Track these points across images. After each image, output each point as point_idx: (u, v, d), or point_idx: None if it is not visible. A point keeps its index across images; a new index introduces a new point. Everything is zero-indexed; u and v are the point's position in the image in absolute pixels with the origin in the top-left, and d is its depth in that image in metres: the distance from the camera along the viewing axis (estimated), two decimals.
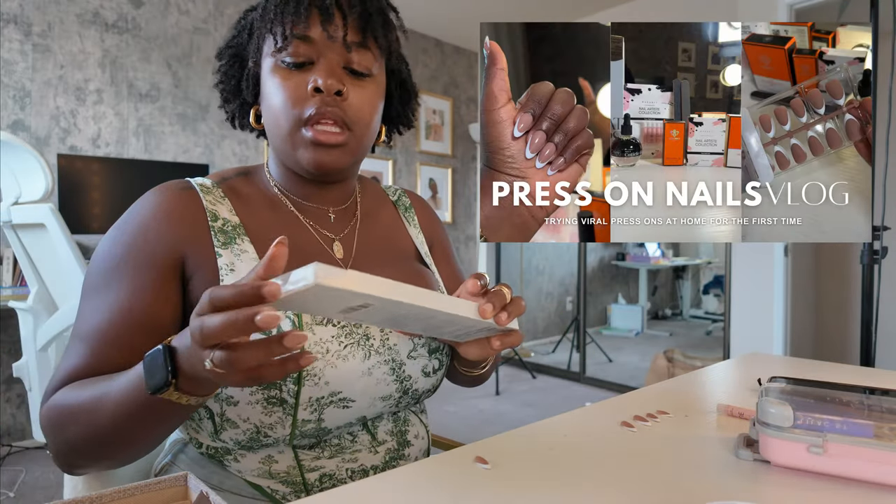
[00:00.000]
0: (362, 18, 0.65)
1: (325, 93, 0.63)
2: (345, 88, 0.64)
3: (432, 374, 0.71)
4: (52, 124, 2.74)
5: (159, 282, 0.61)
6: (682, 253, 5.96)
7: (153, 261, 0.61)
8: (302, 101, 0.64)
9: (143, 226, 0.63)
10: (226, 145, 3.31)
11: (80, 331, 0.60)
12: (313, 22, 0.64)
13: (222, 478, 0.65)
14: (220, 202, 0.67)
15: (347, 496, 0.49)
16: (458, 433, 2.72)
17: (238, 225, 0.66)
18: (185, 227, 0.63)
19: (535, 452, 0.58)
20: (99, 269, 0.63)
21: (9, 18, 2.62)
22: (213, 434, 0.63)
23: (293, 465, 0.64)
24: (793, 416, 0.52)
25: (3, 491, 2.08)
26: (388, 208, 0.84)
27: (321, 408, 0.61)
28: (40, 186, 1.74)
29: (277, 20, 0.64)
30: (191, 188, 0.67)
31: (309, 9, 0.64)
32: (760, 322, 2.86)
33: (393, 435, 0.70)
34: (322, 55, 0.64)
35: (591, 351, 4.24)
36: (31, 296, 1.89)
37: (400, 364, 0.67)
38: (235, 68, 0.73)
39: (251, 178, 0.74)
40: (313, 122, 0.63)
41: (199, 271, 0.63)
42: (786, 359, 1.07)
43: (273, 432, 0.61)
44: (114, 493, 0.44)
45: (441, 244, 0.88)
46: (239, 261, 0.63)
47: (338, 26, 0.64)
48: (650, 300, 5.80)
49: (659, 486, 0.50)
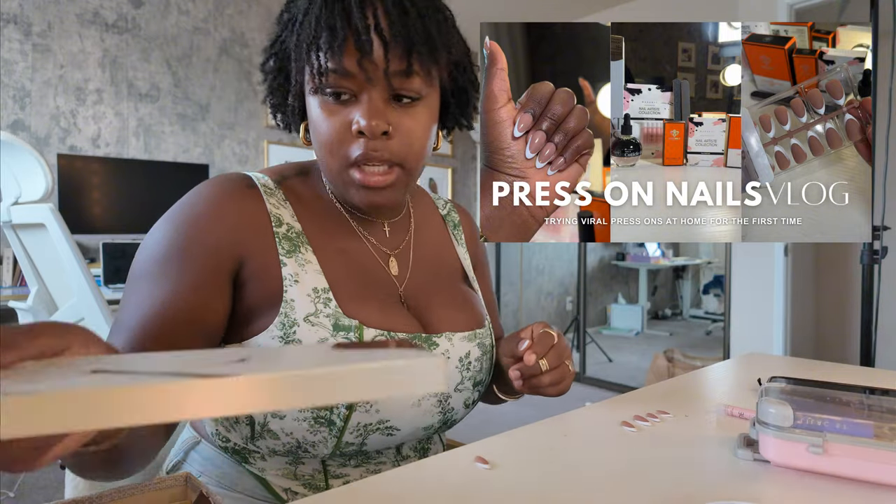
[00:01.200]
0: (406, 42, 0.58)
1: (370, 136, 0.58)
2: (390, 128, 0.59)
3: (471, 406, 0.72)
4: (52, 124, 2.74)
5: (212, 280, 0.58)
6: (682, 253, 5.96)
7: (209, 257, 0.58)
8: (347, 142, 0.59)
9: (202, 218, 0.59)
10: (226, 145, 3.31)
11: (122, 320, 0.57)
12: (351, 54, 0.57)
13: (235, 479, 0.65)
14: (282, 206, 0.65)
15: (347, 496, 0.49)
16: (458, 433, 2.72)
17: (301, 232, 0.64)
18: (247, 230, 0.61)
19: (535, 452, 0.58)
20: (151, 258, 0.59)
21: (9, 18, 2.62)
22: (247, 438, 0.62)
23: (319, 469, 0.64)
24: (793, 416, 0.52)
25: (3, 491, 2.08)
26: (437, 221, 0.81)
27: (367, 433, 0.61)
28: (40, 186, 1.74)
29: (313, 50, 0.58)
30: (254, 187, 0.64)
31: (345, 41, 0.57)
32: (760, 322, 2.86)
33: (416, 451, 0.70)
34: (364, 89, 0.58)
35: (591, 351, 4.24)
36: (31, 296, 1.89)
37: (447, 397, 0.66)
38: (281, 79, 0.65)
39: (309, 180, 0.70)
40: (360, 163, 0.60)
41: (258, 278, 0.60)
42: (786, 359, 1.07)
43: (314, 449, 0.60)
44: (114, 493, 0.44)
45: (482, 264, 0.87)
46: (303, 271, 0.61)
47: (379, 58, 0.57)
48: (650, 300, 5.79)
49: (659, 486, 0.50)
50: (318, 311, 0.60)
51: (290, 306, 0.59)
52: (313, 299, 0.60)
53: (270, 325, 0.59)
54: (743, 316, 2.94)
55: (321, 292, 0.61)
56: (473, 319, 0.72)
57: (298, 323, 0.59)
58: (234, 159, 3.34)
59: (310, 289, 0.61)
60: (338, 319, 0.60)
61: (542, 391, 0.65)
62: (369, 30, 0.57)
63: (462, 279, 0.79)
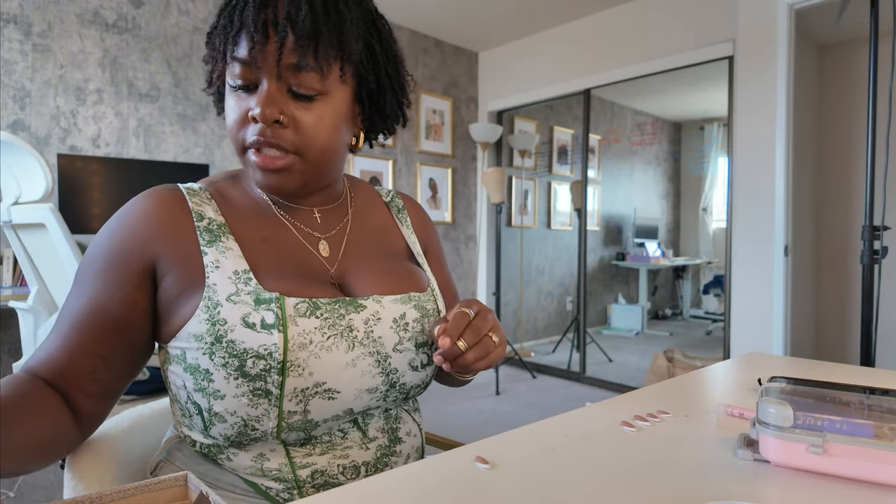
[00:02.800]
0: (302, 37, 0.61)
1: (262, 122, 0.62)
2: (284, 117, 0.63)
3: (420, 369, 0.71)
4: (52, 124, 2.74)
5: (129, 281, 0.63)
6: (682, 253, 5.96)
7: (125, 260, 0.63)
8: (245, 126, 0.64)
9: (120, 226, 0.65)
10: (226, 145, 3.31)
11: (61, 315, 0.65)
12: (246, 44, 0.62)
13: (217, 475, 0.66)
14: (206, 203, 0.69)
15: (347, 496, 0.49)
16: (458, 433, 2.72)
17: (223, 224, 0.68)
18: (161, 228, 0.65)
19: (535, 452, 0.58)
20: (84, 263, 0.66)
21: (9, 18, 2.62)
22: (203, 431, 0.64)
23: (285, 461, 0.64)
24: (793, 416, 0.52)
25: (3, 491, 2.08)
26: (381, 209, 0.84)
27: (306, 399, 0.62)
28: (40, 186, 1.74)
29: (220, 39, 0.64)
30: (176, 191, 0.69)
31: (240, 31, 0.62)
32: (760, 322, 2.86)
33: (384, 432, 0.70)
34: (262, 79, 0.63)
35: (592, 351, 4.24)
36: (32, 296, 1.89)
37: (385, 356, 0.67)
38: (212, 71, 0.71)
39: (239, 182, 0.75)
40: (255, 147, 0.64)
41: (177, 269, 0.64)
42: (786, 359, 1.07)
43: (260, 425, 0.61)
44: (114, 493, 0.44)
45: (434, 249, 0.89)
46: (224, 258, 0.65)
47: (271, 50, 0.61)
48: (650, 300, 5.79)
49: (659, 486, 0.50)
50: (240, 290, 0.62)
51: (213, 290, 0.62)
52: (234, 280, 0.63)
53: (196, 310, 0.62)
54: (743, 316, 2.94)
55: (241, 273, 0.64)
56: (410, 284, 0.73)
57: (221, 304, 0.61)
58: (234, 159, 3.34)
59: (230, 272, 0.64)
60: (259, 294, 0.62)
61: (471, 368, 0.65)
62: (267, 23, 0.61)
63: (406, 257, 0.81)
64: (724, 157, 4.20)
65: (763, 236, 2.86)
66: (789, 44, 2.78)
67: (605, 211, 5.30)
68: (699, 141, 5.49)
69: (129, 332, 0.64)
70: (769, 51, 2.83)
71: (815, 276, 3.85)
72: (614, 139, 5.21)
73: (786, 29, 2.77)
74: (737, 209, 2.96)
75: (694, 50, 3.34)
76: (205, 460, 0.67)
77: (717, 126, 5.13)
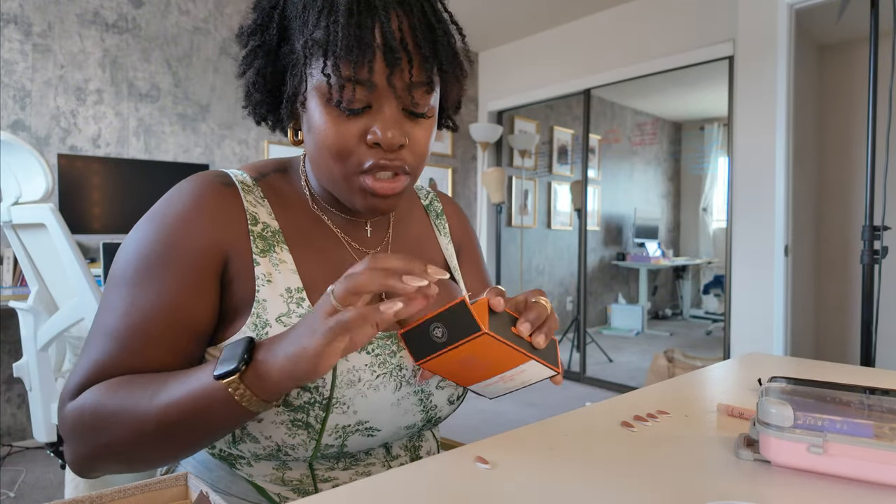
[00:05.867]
0: (430, 56, 0.57)
1: (387, 149, 0.57)
2: (406, 139, 0.58)
3: (455, 402, 0.71)
4: (53, 124, 2.74)
5: (197, 282, 0.57)
6: (682, 253, 5.96)
7: (193, 259, 0.57)
8: (359, 152, 0.57)
9: (184, 219, 0.58)
10: (226, 145, 3.31)
11: (108, 326, 0.56)
12: (378, 66, 0.55)
13: (229, 482, 0.65)
14: (259, 203, 0.63)
15: (347, 496, 0.49)
16: (458, 433, 2.72)
17: (277, 231, 0.62)
18: (228, 228, 0.59)
19: (535, 452, 0.58)
20: (133, 261, 0.57)
21: (9, 18, 2.62)
22: (230, 443, 0.62)
23: (307, 473, 0.63)
24: (793, 416, 0.52)
25: (3, 491, 2.08)
26: (419, 213, 0.80)
27: (346, 435, 0.60)
28: (40, 186, 1.74)
29: (330, 57, 0.54)
30: (232, 186, 0.62)
31: (374, 51, 0.54)
32: (760, 322, 2.86)
33: (407, 450, 0.70)
34: (382, 101, 0.57)
35: (592, 351, 4.24)
36: (32, 296, 1.89)
37: (428, 395, 0.66)
38: (269, 79, 0.62)
39: (289, 177, 0.68)
40: (371, 171, 0.58)
41: (238, 277, 0.59)
42: (786, 359, 1.07)
43: (294, 452, 0.60)
44: (114, 493, 0.44)
45: (470, 249, 0.84)
46: (277, 271, 0.60)
47: (404, 70, 0.55)
48: (650, 300, 5.79)
49: (659, 486, 0.50)
50: (291, 312, 0.59)
51: (262, 307, 0.58)
52: (286, 299, 0.59)
53: (243, 327, 0.58)
54: (743, 316, 2.94)
55: (294, 292, 0.60)
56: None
57: (271, 324, 0.58)
58: (234, 159, 3.34)
59: (283, 289, 0.60)
60: None
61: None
62: (396, 45, 0.55)
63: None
64: (724, 157, 4.20)
65: (763, 236, 2.86)
66: (789, 44, 2.78)
67: (605, 211, 5.30)
68: (699, 141, 5.49)
69: (193, 340, 0.58)
70: (769, 51, 2.82)
71: (815, 276, 3.85)
72: (614, 139, 5.21)
73: (786, 29, 2.76)
74: (737, 209, 2.96)
75: (694, 50, 3.34)
76: (217, 467, 0.66)
77: (717, 126, 5.13)
